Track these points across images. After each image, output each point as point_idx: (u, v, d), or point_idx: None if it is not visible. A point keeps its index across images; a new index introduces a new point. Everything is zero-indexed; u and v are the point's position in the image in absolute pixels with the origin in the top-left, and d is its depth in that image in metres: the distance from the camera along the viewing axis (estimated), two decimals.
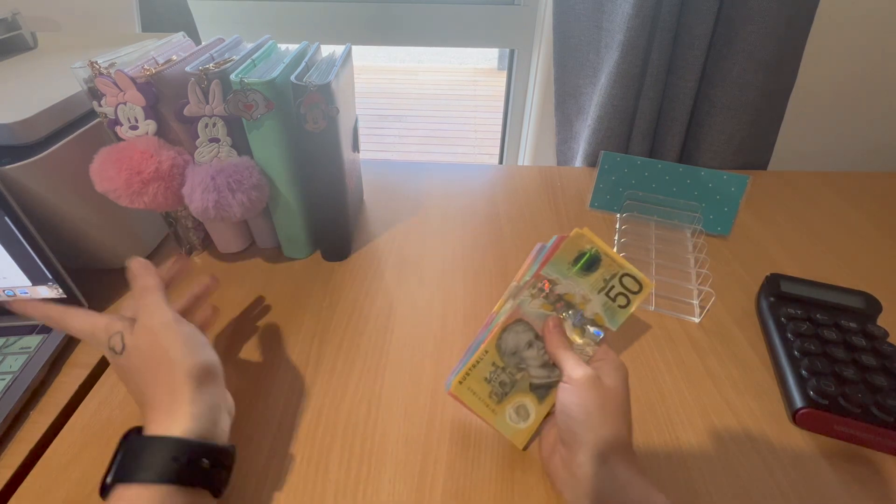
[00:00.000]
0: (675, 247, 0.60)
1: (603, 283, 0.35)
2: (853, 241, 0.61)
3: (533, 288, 0.35)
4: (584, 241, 0.35)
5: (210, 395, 0.30)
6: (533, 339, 0.35)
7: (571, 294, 0.35)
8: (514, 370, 0.35)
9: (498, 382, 0.34)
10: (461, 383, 0.34)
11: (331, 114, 0.45)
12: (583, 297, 0.35)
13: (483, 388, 0.35)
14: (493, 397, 0.35)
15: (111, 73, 0.41)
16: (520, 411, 0.35)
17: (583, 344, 0.34)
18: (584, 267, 0.34)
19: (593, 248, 0.34)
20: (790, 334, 0.45)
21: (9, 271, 0.44)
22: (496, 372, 0.34)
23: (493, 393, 0.35)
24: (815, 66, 0.76)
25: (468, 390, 0.35)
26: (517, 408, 0.35)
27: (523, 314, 0.35)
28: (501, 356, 0.34)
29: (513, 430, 0.35)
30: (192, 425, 0.28)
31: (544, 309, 0.35)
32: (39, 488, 0.35)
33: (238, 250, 0.58)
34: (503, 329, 0.34)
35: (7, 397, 0.39)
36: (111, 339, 0.31)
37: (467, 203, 0.68)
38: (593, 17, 0.72)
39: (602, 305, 0.35)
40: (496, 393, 0.35)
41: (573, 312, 0.35)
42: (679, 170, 0.62)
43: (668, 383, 0.43)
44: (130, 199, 0.44)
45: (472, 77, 3.69)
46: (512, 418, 0.35)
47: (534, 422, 0.35)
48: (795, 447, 0.38)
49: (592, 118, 0.76)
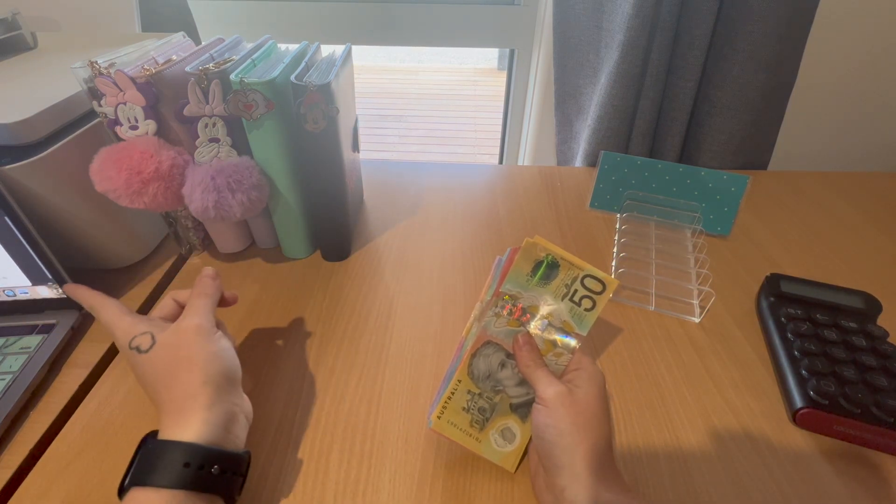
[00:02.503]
0: (675, 247, 0.60)
1: (565, 288, 0.33)
2: (853, 241, 0.61)
3: (495, 307, 0.33)
4: (538, 250, 0.33)
5: (227, 402, 0.30)
6: (505, 358, 0.33)
7: (535, 306, 0.33)
8: (491, 394, 0.33)
9: (477, 409, 0.33)
10: (440, 418, 0.33)
11: (331, 114, 0.45)
12: (546, 307, 0.33)
13: (463, 419, 0.33)
14: (475, 425, 0.33)
15: (111, 73, 0.41)
16: (505, 434, 0.34)
17: (556, 355, 0.33)
18: (543, 276, 0.33)
19: (548, 254, 0.33)
20: (790, 334, 0.45)
21: (9, 271, 0.44)
22: (473, 399, 0.33)
23: (473, 421, 0.33)
24: (815, 65, 0.76)
25: (448, 423, 0.33)
26: (502, 431, 0.34)
27: (490, 336, 0.33)
28: (475, 382, 0.33)
29: (500, 455, 0.34)
30: (205, 430, 0.28)
31: (510, 326, 0.33)
32: (39, 488, 0.35)
33: (238, 250, 0.58)
34: (472, 355, 0.33)
35: (7, 397, 0.39)
36: (135, 339, 0.32)
37: (467, 203, 0.68)
38: (593, 17, 0.72)
39: (569, 312, 0.34)
40: (477, 421, 0.33)
41: (541, 324, 0.33)
42: (679, 170, 0.62)
43: (668, 383, 0.43)
44: (130, 199, 0.44)
45: (472, 77, 3.69)
46: (498, 443, 0.34)
47: (521, 442, 0.34)
48: (795, 447, 0.38)
49: (592, 118, 0.76)
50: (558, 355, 0.33)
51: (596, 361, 0.34)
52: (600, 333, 0.48)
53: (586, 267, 0.34)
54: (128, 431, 0.38)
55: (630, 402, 0.41)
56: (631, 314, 0.50)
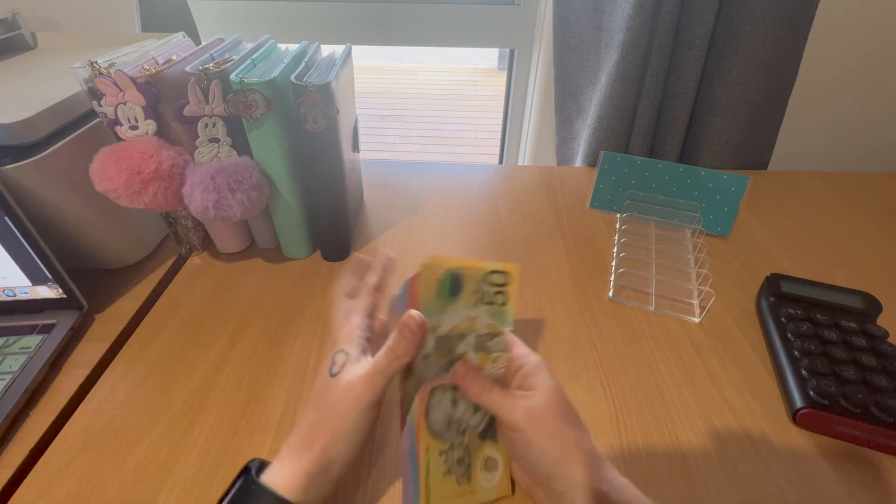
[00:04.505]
0: (675, 247, 0.60)
1: (476, 294, 0.31)
2: (853, 241, 0.61)
3: (421, 349, 0.30)
4: (434, 270, 0.30)
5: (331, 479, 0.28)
6: (453, 393, 0.31)
7: (457, 325, 0.31)
8: (459, 438, 0.30)
9: (456, 464, 0.30)
10: (431, 500, 0.29)
11: (331, 114, 0.45)
12: (468, 320, 0.31)
13: (450, 485, 0.30)
14: (463, 480, 0.31)
15: (111, 73, 0.41)
16: (489, 465, 0.31)
17: (492, 361, 0.31)
18: (450, 293, 0.30)
19: (446, 269, 0.30)
20: (790, 334, 0.45)
21: (9, 271, 0.44)
22: (448, 457, 0.30)
23: (460, 478, 0.31)
24: (815, 65, 0.76)
25: (442, 500, 0.30)
26: (485, 463, 0.31)
27: (429, 384, 0.30)
28: (441, 439, 0.30)
29: (494, 488, 0.32)
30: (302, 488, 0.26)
31: (443, 359, 0.30)
32: (39, 488, 0.35)
33: (238, 250, 0.58)
34: (425, 414, 0.30)
35: (7, 397, 0.39)
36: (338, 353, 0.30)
37: (467, 203, 0.68)
38: (593, 17, 0.72)
39: (488, 314, 0.31)
40: (462, 475, 0.31)
41: (468, 340, 0.31)
42: (679, 170, 0.62)
43: (668, 383, 0.43)
44: (130, 199, 0.44)
45: (472, 77, 3.69)
46: (486, 479, 0.31)
47: (503, 463, 0.32)
48: (795, 447, 0.38)
49: (592, 118, 0.76)
50: (495, 360, 0.31)
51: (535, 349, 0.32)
52: (600, 333, 0.48)
53: (486, 264, 0.31)
54: (128, 431, 0.38)
55: (630, 402, 0.41)
56: (631, 314, 0.50)
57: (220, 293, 0.52)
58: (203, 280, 0.54)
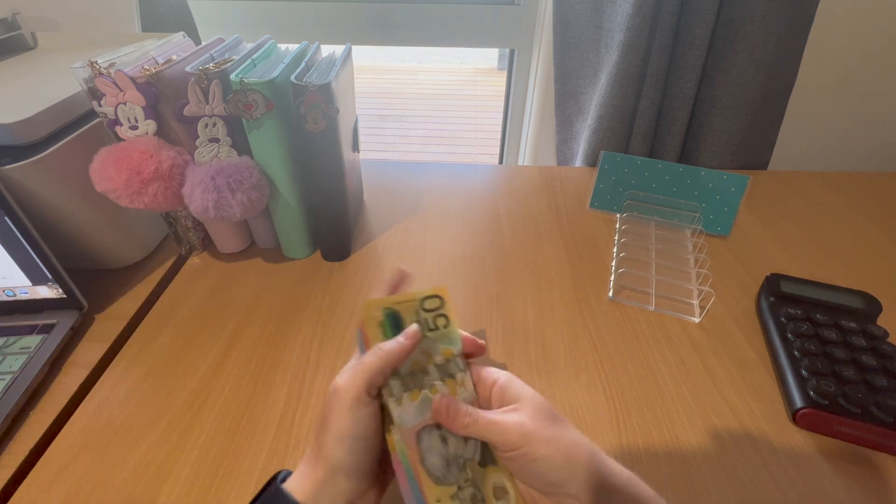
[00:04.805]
0: (675, 247, 0.60)
1: (419, 325, 0.31)
2: (853, 241, 0.61)
3: (390, 396, 0.29)
4: (372, 314, 0.30)
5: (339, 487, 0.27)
6: (438, 431, 0.29)
7: (416, 362, 0.30)
8: (464, 475, 0.29)
9: (471, 500, 0.28)
10: None
11: (331, 114, 0.45)
12: (422, 353, 0.30)
13: None
14: None
15: (111, 73, 0.41)
16: (498, 493, 0.29)
17: (461, 385, 0.30)
18: (393, 333, 0.30)
19: (381, 309, 0.31)
20: (790, 334, 0.45)
21: (9, 271, 0.44)
22: (461, 499, 0.28)
23: None
24: (814, 65, 0.76)
25: None
26: (495, 493, 0.29)
27: (413, 427, 0.29)
28: (446, 484, 0.28)
29: None
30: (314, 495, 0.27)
31: (414, 399, 0.29)
32: (39, 488, 0.35)
33: (238, 250, 0.58)
34: (421, 462, 0.28)
35: (7, 397, 0.39)
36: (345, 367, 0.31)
37: (467, 203, 0.68)
38: (593, 17, 0.72)
39: (438, 340, 0.31)
40: None
41: (431, 372, 0.30)
42: (679, 170, 0.62)
43: (668, 383, 0.43)
44: (130, 199, 0.44)
45: (472, 77, 3.69)
46: None
47: (511, 486, 0.30)
48: (795, 447, 0.38)
49: (592, 118, 0.76)
50: (462, 382, 0.31)
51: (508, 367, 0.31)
52: (600, 333, 0.48)
53: (415, 294, 0.32)
54: (128, 431, 0.38)
55: (630, 402, 0.41)
56: (631, 314, 0.50)
57: (220, 293, 0.52)
58: (203, 280, 0.54)
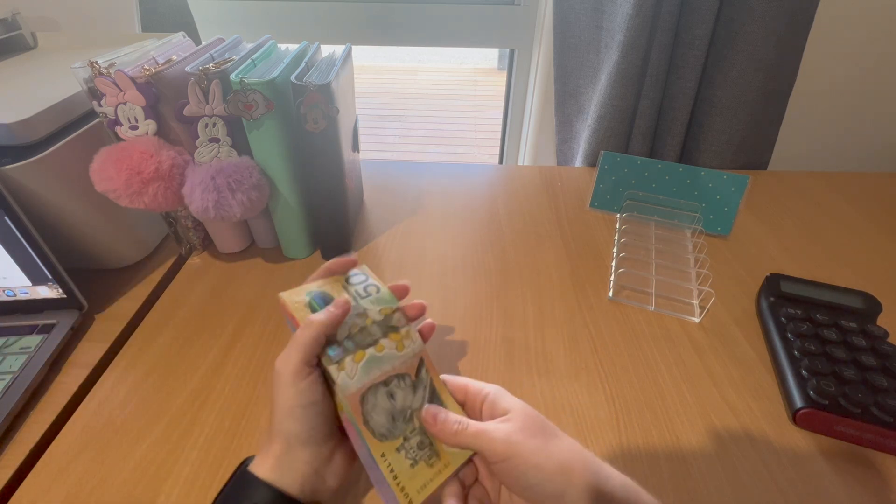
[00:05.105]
0: (675, 247, 0.60)
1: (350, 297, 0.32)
2: (853, 241, 0.61)
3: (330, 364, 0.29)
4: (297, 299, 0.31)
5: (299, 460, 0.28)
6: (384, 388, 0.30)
7: (353, 325, 0.31)
8: (409, 426, 0.30)
9: (417, 448, 0.29)
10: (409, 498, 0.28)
11: (331, 114, 0.45)
12: (359, 317, 0.31)
13: (422, 471, 0.29)
14: (433, 459, 0.29)
15: (111, 73, 0.41)
16: None
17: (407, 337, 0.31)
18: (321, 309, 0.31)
19: (306, 293, 0.32)
20: (790, 334, 0.45)
21: (9, 271, 0.44)
22: (407, 449, 0.29)
23: (428, 459, 0.29)
24: (815, 66, 0.76)
25: (418, 491, 0.28)
26: None
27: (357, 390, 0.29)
28: (391, 438, 0.29)
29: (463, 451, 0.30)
30: (278, 475, 0.27)
31: (358, 361, 0.30)
32: (39, 488, 0.35)
33: (238, 250, 0.58)
34: (364, 423, 0.28)
35: (7, 397, 0.39)
36: None
37: (467, 203, 0.68)
38: (593, 17, 0.72)
39: (374, 304, 0.32)
40: (431, 455, 0.29)
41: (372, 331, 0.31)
42: (679, 170, 0.62)
43: (668, 383, 0.43)
44: (130, 199, 0.44)
45: (472, 77, 3.69)
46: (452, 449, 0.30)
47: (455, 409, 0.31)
48: (795, 447, 0.38)
49: (592, 118, 0.76)
50: (408, 334, 0.32)
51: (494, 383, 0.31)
52: (600, 333, 0.48)
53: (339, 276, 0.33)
54: (128, 431, 0.38)
55: (630, 402, 0.41)
56: (631, 314, 0.50)
57: (220, 293, 0.52)
58: (203, 280, 0.54)
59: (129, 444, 0.37)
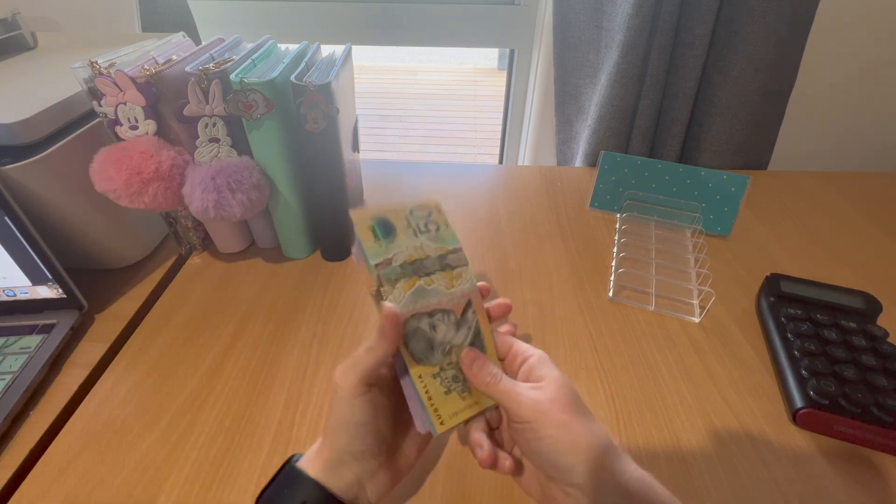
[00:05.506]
0: (675, 247, 0.60)
1: (409, 228, 0.34)
2: (853, 241, 0.61)
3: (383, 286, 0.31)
4: (362, 220, 0.33)
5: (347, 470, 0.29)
6: (429, 320, 0.31)
7: (409, 255, 0.33)
8: (447, 359, 0.31)
9: (452, 381, 0.31)
10: (441, 421, 0.30)
11: (331, 114, 0.45)
12: (416, 249, 0.33)
13: (455, 400, 0.31)
14: (465, 394, 0.31)
15: (111, 73, 0.41)
16: None
17: (459, 278, 0.33)
18: (384, 235, 0.33)
19: (371, 216, 0.33)
20: (790, 334, 0.45)
21: (9, 271, 0.44)
22: (443, 378, 0.31)
23: (461, 393, 0.31)
24: (815, 66, 0.76)
25: (450, 416, 0.30)
26: None
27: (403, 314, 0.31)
28: (429, 364, 0.31)
29: None
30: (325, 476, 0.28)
31: (408, 289, 0.32)
32: (39, 488, 0.35)
33: (238, 250, 0.58)
34: (404, 344, 0.30)
35: (7, 397, 0.39)
36: None
37: (467, 203, 0.68)
38: (593, 17, 0.72)
39: (431, 240, 0.34)
40: (463, 390, 0.31)
41: (427, 264, 0.33)
42: (679, 170, 0.62)
43: (668, 383, 0.43)
44: (130, 199, 0.44)
45: (472, 77, 3.69)
46: None
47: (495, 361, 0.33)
48: (795, 447, 0.38)
49: (592, 118, 0.76)
50: (460, 275, 0.34)
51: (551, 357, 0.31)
52: (600, 333, 0.48)
53: (406, 204, 0.35)
54: (128, 431, 0.38)
55: (630, 402, 0.41)
56: (631, 314, 0.50)
57: (220, 293, 0.52)
58: (203, 280, 0.54)
59: (129, 444, 0.37)
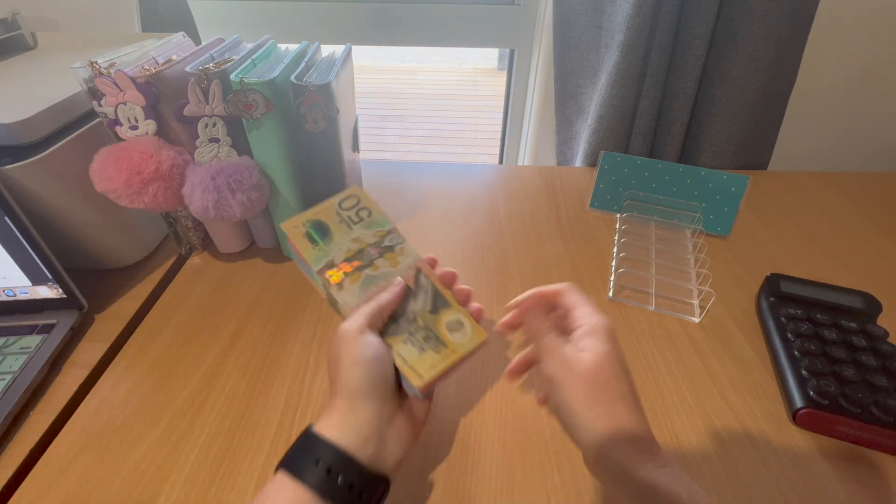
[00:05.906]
0: (675, 247, 0.60)
1: (342, 223, 0.36)
2: (853, 241, 0.61)
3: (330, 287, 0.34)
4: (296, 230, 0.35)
5: (365, 412, 0.29)
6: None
7: (348, 250, 0.35)
8: (415, 324, 0.34)
9: (424, 340, 0.33)
10: (421, 377, 0.32)
11: (331, 114, 0.45)
12: (354, 242, 0.36)
13: (430, 356, 0.33)
14: (439, 347, 0.33)
15: (111, 73, 0.41)
16: (453, 326, 0.34)
17: (402, 253, 0.36)
18: (321, 238, 0.35)
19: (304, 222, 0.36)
20: (790, 334, 0.45)
21: (9, 271, 0.44)
22: (413, 341, 0.33)
23: (435, 347, 0.33)
24: (815, 66, 0.76)
25: (429, 369, 0.32)
26: (449, 327, 0.34)
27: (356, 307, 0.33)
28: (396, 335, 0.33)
29: (470, 340, 0.34)
30: (340, 434, 0.28)
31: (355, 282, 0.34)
32: (39, 488, 0.35)
33: (238, 250, 0.58)
34: None
35: (7, 397, 0.39)
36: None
37: (467, 203, 0.68)
38: (593, 17, 0.72)
39: (367, 228, 0.37)
40: (437, 343, 0.33)
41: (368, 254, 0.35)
42: (679, 170, 0.62)
43: (668, 383, 0.43)
44: (130, 199, 0.44)
45: (472, 77, 3.69)
46: (459, 336, 0.34)
47: (465, 315, 0.35)
48: (795, 447, 0.38)
49: (592, 118, 0.76)
50: (402, 251, 0.36)
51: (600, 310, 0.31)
52: None
53: (332, 200, 0.37)
54: (128, 431, 0.38)
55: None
56: (631, 314, 0.50)
57: (220, 293, 0.52)
58: (203, 280, 0.54)
59: (129, 444, 0.37)
